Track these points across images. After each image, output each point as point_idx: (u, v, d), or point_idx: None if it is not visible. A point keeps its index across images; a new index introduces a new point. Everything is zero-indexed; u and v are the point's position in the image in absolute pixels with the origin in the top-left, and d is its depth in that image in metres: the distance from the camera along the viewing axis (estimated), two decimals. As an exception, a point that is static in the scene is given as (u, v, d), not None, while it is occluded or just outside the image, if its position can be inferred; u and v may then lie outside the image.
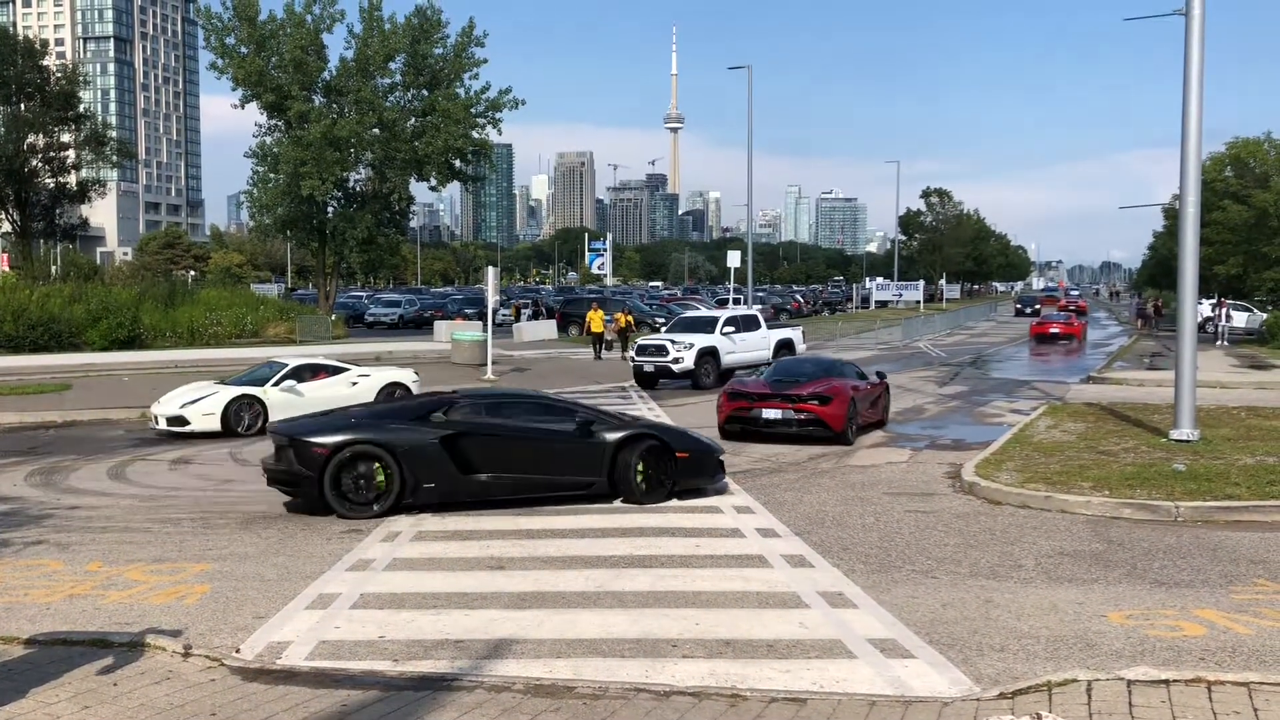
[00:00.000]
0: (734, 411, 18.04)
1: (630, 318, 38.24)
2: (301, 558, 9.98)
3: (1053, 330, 48.42)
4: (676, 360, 26.79)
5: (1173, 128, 16.51)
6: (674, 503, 12.43)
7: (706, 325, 28.77)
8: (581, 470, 12.36)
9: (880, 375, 20.71)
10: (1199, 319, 39.71)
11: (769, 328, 30.74)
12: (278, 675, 6.84)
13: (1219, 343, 41.97)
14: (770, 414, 17.64)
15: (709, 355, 27.43)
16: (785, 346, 29.68)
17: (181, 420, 18.79)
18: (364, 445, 11.62)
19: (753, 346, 28.92)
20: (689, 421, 17.68)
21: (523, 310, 58.46)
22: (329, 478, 11.50)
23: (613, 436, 12.45)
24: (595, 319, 36.50)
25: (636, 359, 27.51)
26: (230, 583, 9.10)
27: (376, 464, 11.61)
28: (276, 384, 19.43)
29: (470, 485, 11.97)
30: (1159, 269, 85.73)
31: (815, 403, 17.47)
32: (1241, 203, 47.86)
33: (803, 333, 32.62)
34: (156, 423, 19.15)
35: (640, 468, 12.32)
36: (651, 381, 27.19)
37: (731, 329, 28.36)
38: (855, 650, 7.30)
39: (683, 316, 32.39)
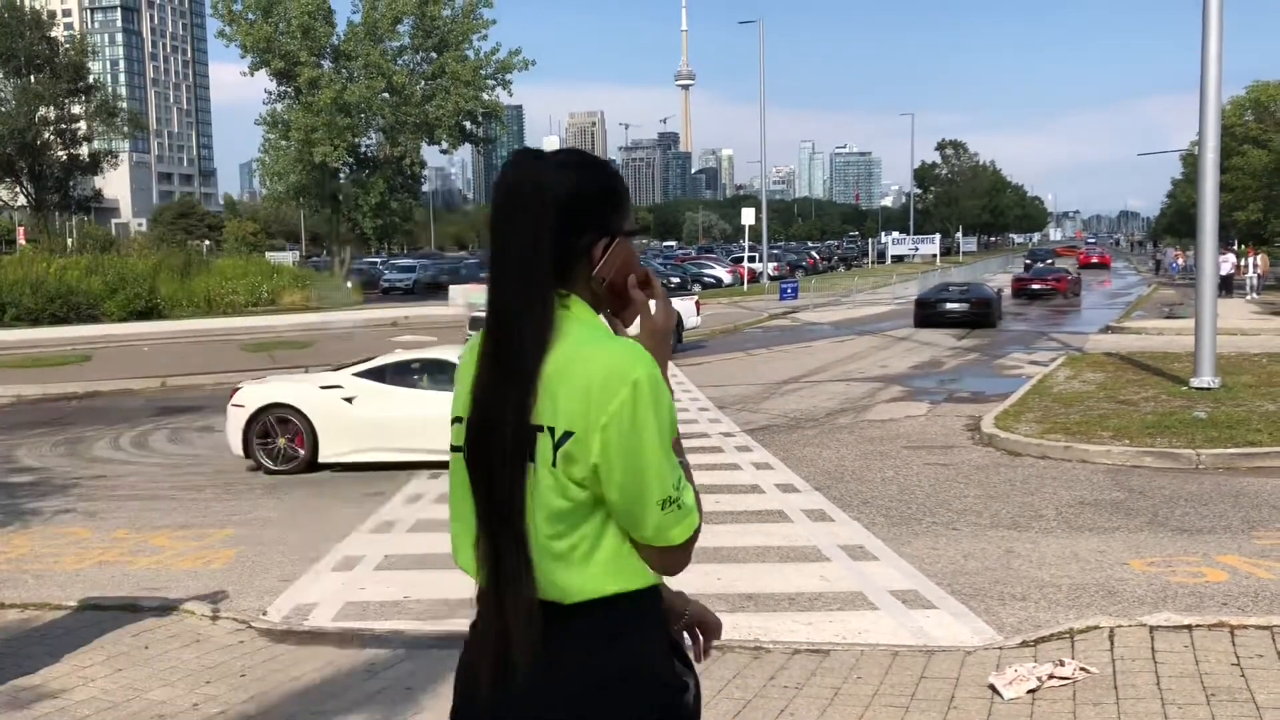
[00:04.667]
0: (1019, 287, 42.66)
1: None
2: (325, 521, 10.07)
3: (1093, 260, 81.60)
4: None
5: (1191, 72, 16.28)
6: (691, 459, 12.46)
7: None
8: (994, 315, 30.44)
9: (1079, 272, 51.67)
10: (1229, 271, 38.83)
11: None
12: (305, 636, 6.92)
13: (1249, 294, 40.33)
14: (1036, 286, 42.76)
15: None
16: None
17: None
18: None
19: None
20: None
21: None
22: (995, 309, 28.60)
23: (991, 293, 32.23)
24: None
25: None
26: (255, 547, 9.19)
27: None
28: None
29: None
30: (1178, 217, 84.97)
31: (1055, 281, 43.22)
32: (1262, 147, 47.26)
33: (696, 302, 26.90)
34: None
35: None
36: None
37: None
38: (877, 602, 7.34)
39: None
